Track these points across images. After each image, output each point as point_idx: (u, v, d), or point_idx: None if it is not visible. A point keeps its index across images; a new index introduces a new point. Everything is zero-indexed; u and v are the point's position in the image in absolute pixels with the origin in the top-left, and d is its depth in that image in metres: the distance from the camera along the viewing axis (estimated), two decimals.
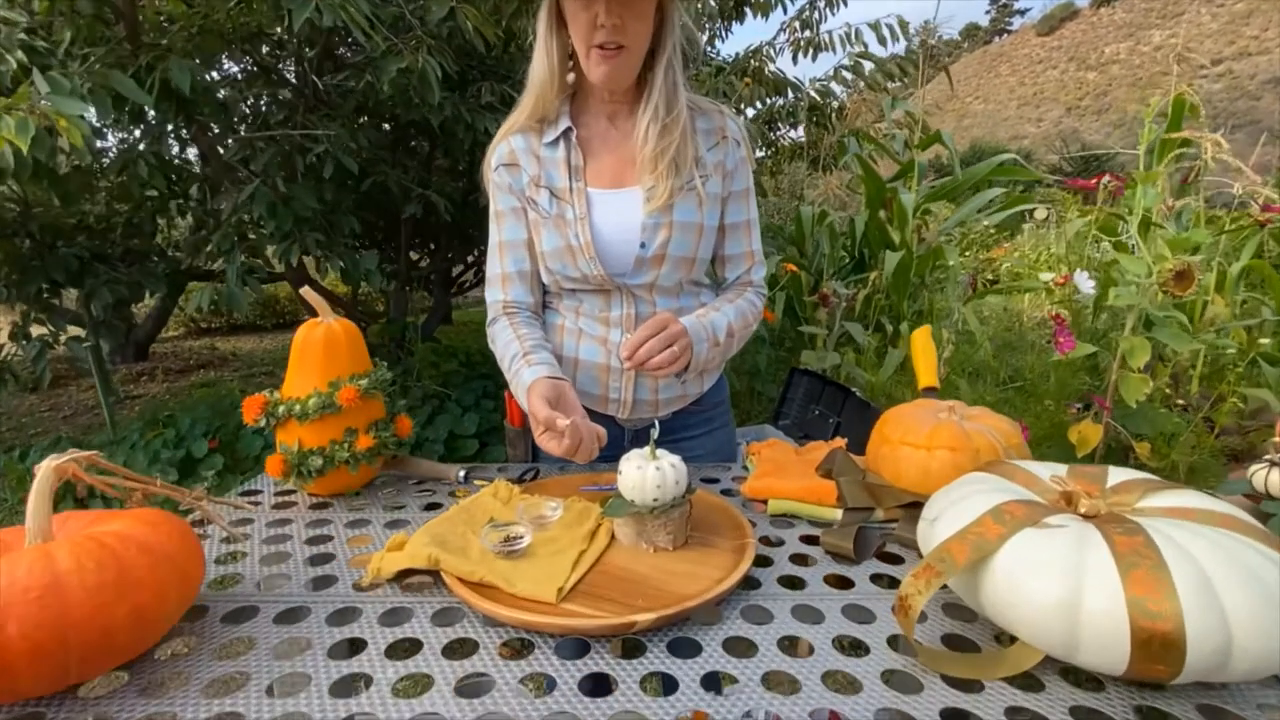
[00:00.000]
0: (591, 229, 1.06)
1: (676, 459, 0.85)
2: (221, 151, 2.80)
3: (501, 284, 1.14)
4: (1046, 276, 2.04)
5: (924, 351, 1.20)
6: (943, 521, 0.70)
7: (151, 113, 2.34)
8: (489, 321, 1.16)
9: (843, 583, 0.81)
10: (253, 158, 2.67)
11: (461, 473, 1.11)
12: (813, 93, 3.94)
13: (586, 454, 0.91)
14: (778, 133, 4.35)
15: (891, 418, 1.08)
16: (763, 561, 0.83)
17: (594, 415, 1.13)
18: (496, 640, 0.68)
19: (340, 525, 0.95)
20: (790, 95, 3.90)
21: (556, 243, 1.07)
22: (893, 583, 0.80)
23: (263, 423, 1.00)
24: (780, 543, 0.90)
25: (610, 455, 1.22)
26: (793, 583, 0.81)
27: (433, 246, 4.46)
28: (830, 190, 4.00)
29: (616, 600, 0.72)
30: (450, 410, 3.47)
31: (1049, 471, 0.77)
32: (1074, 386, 2.10)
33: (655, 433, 0.85)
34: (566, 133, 1.09)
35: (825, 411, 2.35)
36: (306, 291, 0.99)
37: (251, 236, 2.76)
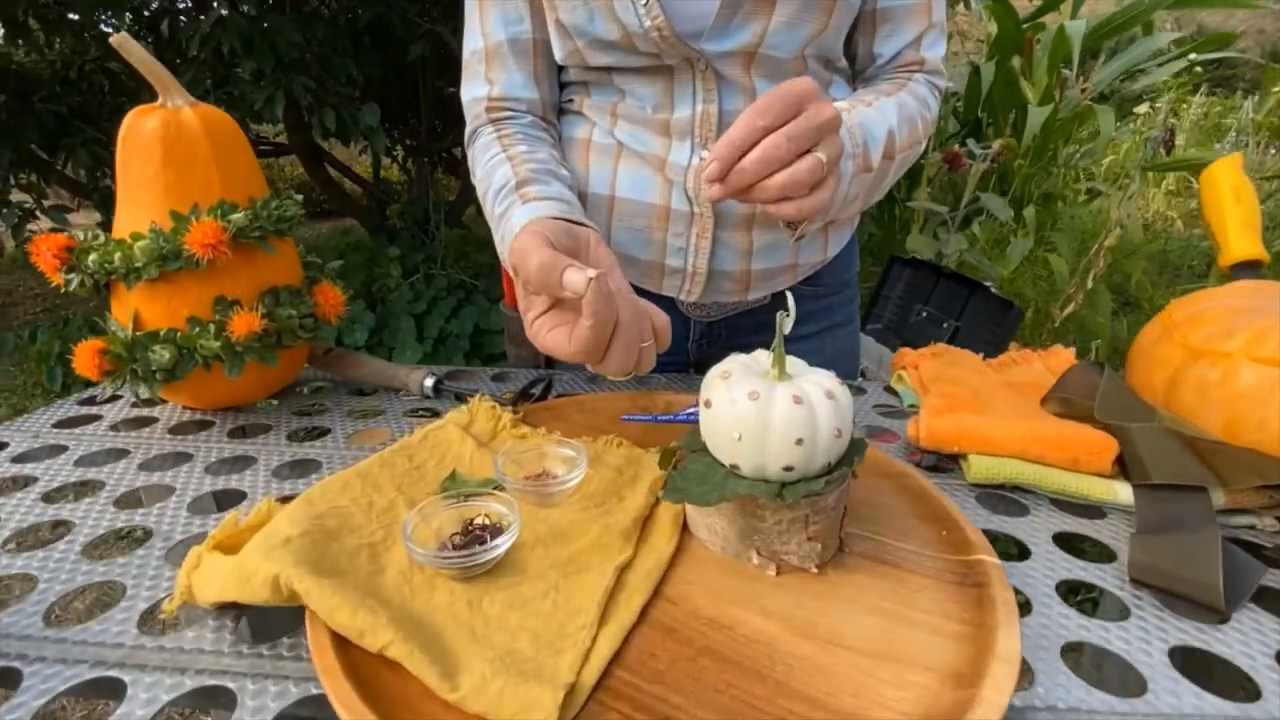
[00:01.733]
0: None
1: (830, 379, 0.39)
2: None
3: (484, 67, 0.64)
4: None
5: (1234, 198, 0.67)
6: None
7: None
8: (467, 139, 0.67)
9: (1203, 667, 0.36)
10: None
11: (429, 380, 0.68)
12: None
13: (628, 356, 0.44)
14: None
15: (1198, 315, 0.58)
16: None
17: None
18: None
19: (198, 468, 0.54)
20: None
21: None
22: None
23: (73, 284, 0.57)
24: (1020, 552, 0.45)
25: (667, 362, 0.76)
26: (1089, 657, 0.37)
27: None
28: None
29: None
30: (477, 303, 3.08)
31: None
32: None
33: (790, 320, 0.38)
34: None
35: (936, 313, 1.82)
36: (121, 39, 0.53)
37: (232, 91, 2.27)
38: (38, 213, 2.72)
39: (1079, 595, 0.43)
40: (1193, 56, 2.54)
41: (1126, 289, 2.92)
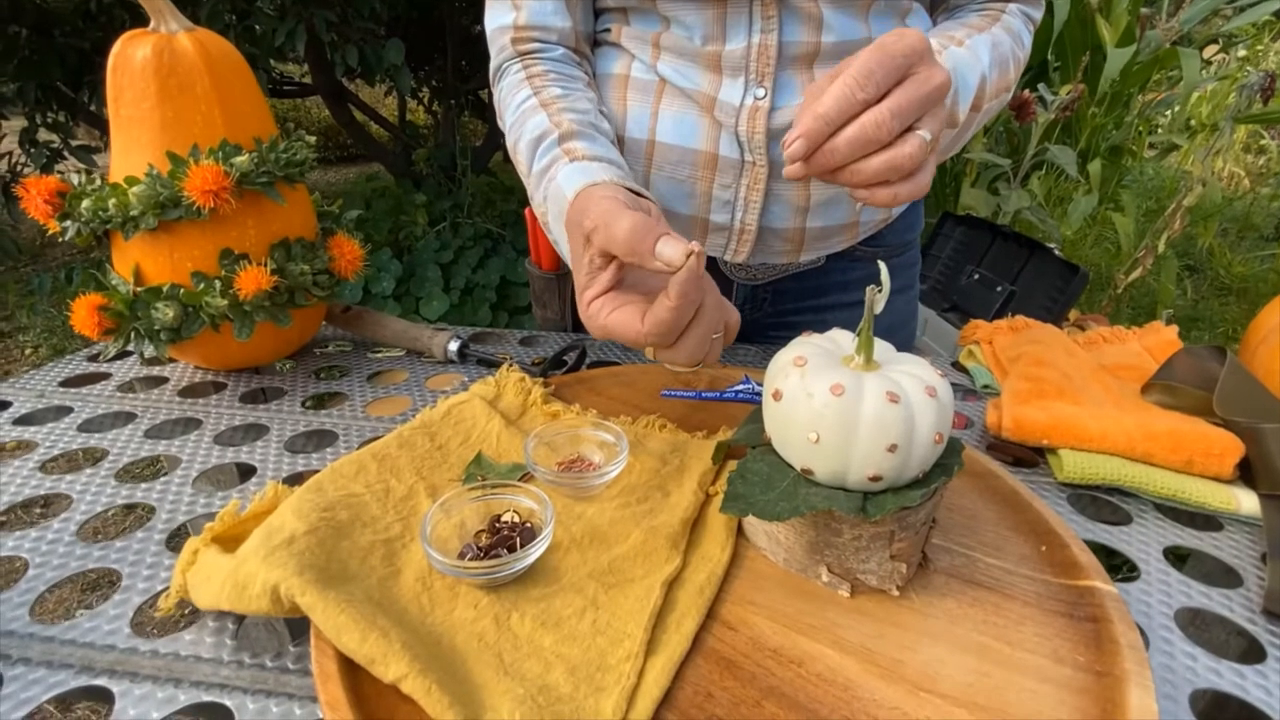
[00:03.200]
0: None
1: (929, 371, 0.32)
2: None
3: None
4: None
5: None
6: None
7: None
8: (492, 75, 0.60)
9: None
10: None
11: (453, 344, 0.63)
12: None
13: (700, 347, 0.38)
14: None
15: None
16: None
17: None
18: None
19: (206, 437, 0.50)
20: None
21: None
22: None
23: (69, 232, 0.52)
24: (1127, 570, 0.39)
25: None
26: (1221, 707, 0.31)
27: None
28: None
29: None
30: (504, 253, 3.01)
31: None
32: None
33: (883, 297, 0.31)
34: None
35: (990, 276, 1.71)
36: None
37: (254, 25, 2.17)
38: (65, 152, 2.70)
39: (1196, 625, 0.37)
40: None
41: (1191, 253, 2.73)
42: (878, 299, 0.31)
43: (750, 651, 0.30)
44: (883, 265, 0.33)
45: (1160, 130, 2.94)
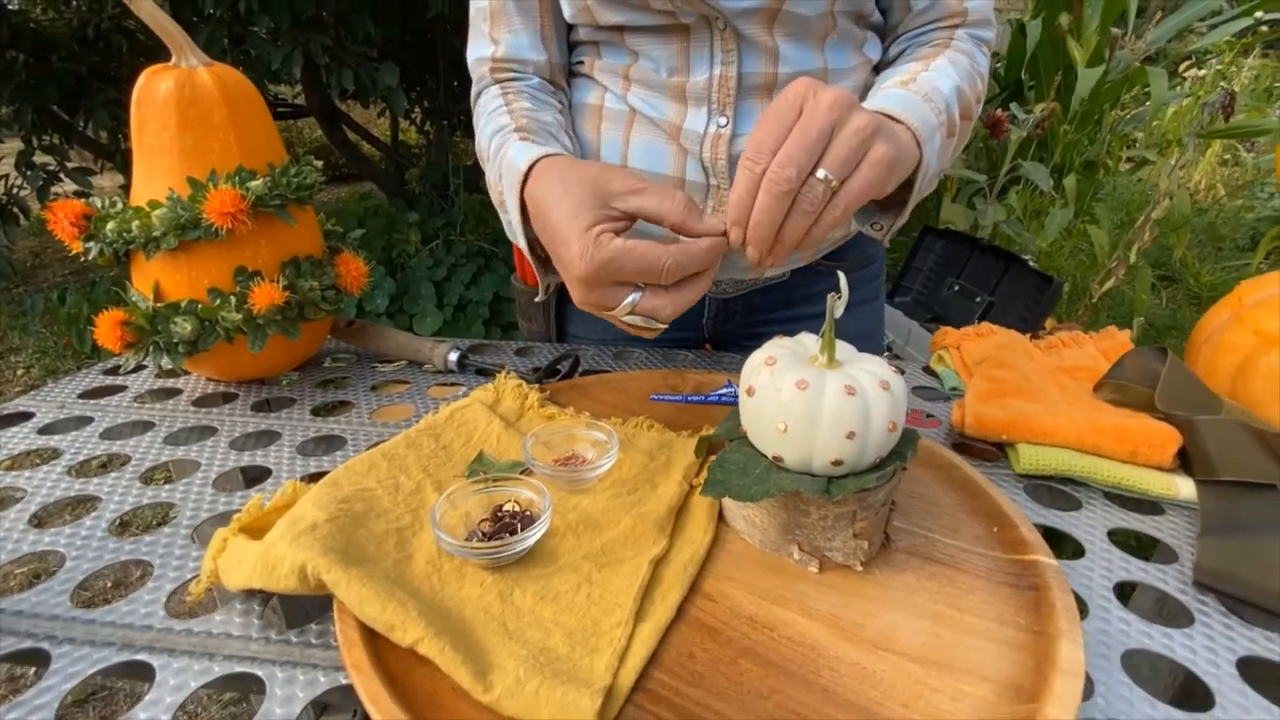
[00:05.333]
0: None
1: (884, 367, 0.36)
2: None
3: (489, 25, 0.60)
4: None
5: None
6: None
7: None
8: (472, 99, 0.64)
9: (1275, 680, 0.34)
10: None
11: (453, 355, 0.66)
12: None
13: (687, 298, 0.43)
14: None
15: (1273, 298, 0.54)
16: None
17: None
18: None
19: (222, 443, 0.53)
20: None
21: None
22: None
23: (92, 252, 0.56)
24: (1074, 550, 0.43)
25: (681, 338, 0.74)
26: (1151, 665, 0.35)
27: None
28: None
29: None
30: (497, 270, 3.06)
31: None
32: None
33: (842, 303, 0.36)
34: None
35: (969, 287, 1.76)
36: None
37: (249, 50, 2.22)
38: (61, 174, 2.73)
39: (1132, 597, 0.41)
40: (1259, 15, 2.37)
41: (1166, 263, 2.81)
42: (837, 305, 0.36)
43: (728, 619, 0.33)
44: (842, 275, 0.37)
45: (1137, 145, 3.04)
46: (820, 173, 0.38)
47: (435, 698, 0.29)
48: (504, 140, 0.52)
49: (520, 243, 0.51)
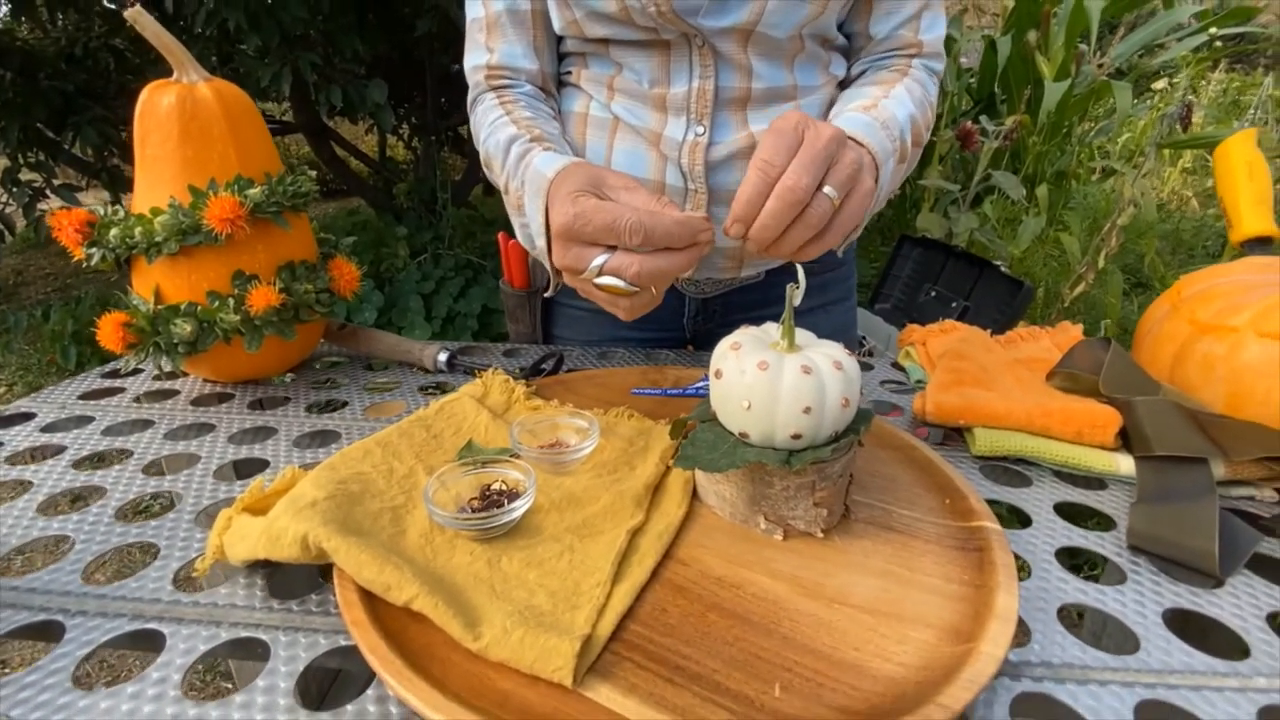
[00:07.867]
0: None
1: (839, 350, 0.40)
2: None
3: (484, 35, 0.64)
4: None
5: (1247, 174, 0.67)
6: None
7: None
8: (469, 105, 0.67)
9: (1197, 629, 0.38)
10: None
11: (443, 356, 0.69)
12: None
13: (681, 264, 0.44)
14: None
15: (1207, 291, 0.58)
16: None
17: None
18: None
19: (220, 438, 0.55)
20: None
21: None
22: None
23: (95, 258, 0.58)
24: (1022, 521, 0.46)
25: (663, 338, 0.77)
26: (1086, 618, 0.38)
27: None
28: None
29: (711, 677, 0.30)
30: (485, 282, 3.08)
31: None
32: None
33: (800, 292, 0.39)
34: None
35: (946, 293, 1.82)
36: (136, 13, 0.54)
37: (238, 68, 2.26)
38: (47, 191, 2.73)
39: (1078, 562, 0.44)
40: (1214, 31, 2.48)
41: (1139, 269, 2.89)
42: (796, 293, 0.39)
43: (699, 580, 0.36)
44: (799, 266, 0.40)
45: (1111, 156, 3.14)
46: (826, 189, 0.43)
47: (430, 650, 0.31)
48: (526, 149, 0.55)
49: (539, 243, 0.52)
